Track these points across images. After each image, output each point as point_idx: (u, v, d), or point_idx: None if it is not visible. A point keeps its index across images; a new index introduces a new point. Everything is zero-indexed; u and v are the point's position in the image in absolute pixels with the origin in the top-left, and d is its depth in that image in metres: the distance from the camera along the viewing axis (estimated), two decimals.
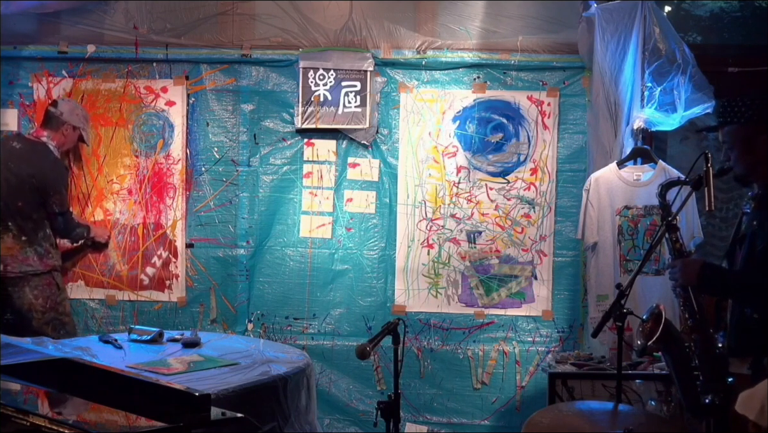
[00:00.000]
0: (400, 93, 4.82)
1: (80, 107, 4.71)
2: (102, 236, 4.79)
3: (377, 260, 4.84)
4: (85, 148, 4.81)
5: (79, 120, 4.64)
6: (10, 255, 4.38)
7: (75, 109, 4.65)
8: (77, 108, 4.68)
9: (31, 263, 4.41)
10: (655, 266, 4.38)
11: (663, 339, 2.94)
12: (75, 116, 4.62)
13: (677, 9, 5.16)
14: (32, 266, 4.41)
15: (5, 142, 4.59)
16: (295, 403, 3.51)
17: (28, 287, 4.40)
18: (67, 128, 4.59)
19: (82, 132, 4.66)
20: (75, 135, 4.65)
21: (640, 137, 4.50)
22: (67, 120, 4.59)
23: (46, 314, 4.42)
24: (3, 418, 2.06)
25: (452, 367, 4.81)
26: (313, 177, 4.86)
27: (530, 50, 4.76)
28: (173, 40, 4.82)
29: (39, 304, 4.42)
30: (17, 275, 4.39)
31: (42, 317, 4.40)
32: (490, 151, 4.80)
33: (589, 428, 2.89)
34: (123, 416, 2.15)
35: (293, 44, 4.82)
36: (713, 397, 2.85)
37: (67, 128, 4.59)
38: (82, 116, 4.68)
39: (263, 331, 4.84)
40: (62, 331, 4.45)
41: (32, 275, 4.41)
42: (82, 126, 4.66)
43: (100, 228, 4.81)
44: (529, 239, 4.78)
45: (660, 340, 2.93)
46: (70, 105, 4.66)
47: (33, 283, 4.41)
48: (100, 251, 4.85)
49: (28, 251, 4.41)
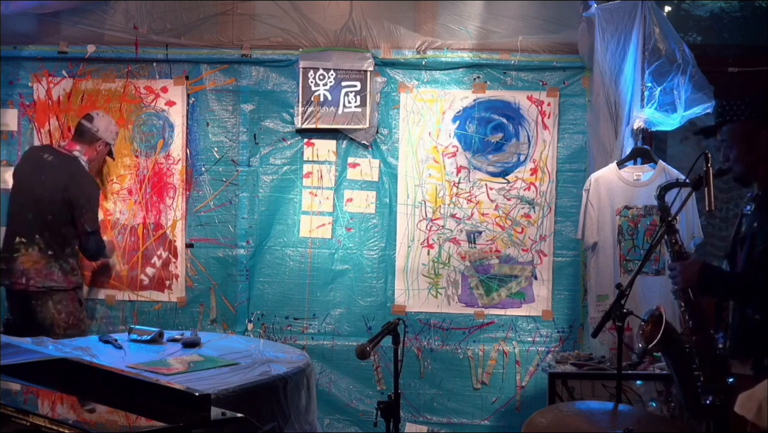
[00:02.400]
0: (400, 93, 4.82)
1: (114, 123, 4.63)
2: (111, 251, 4.76)
3: (377, 260, 4.84)
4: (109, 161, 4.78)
5: (112, 136, 4.59)
6: (35, 269, 4.30)
7: (110, 126, 4.58)
8: (111, 124, 4.61)
9: (55, 279, 4.33)
10: (655, 266, 4.38)
11: (663, 342, 2.94)
12: (109, 133, 4.57)
13: (677, 9, 5.16)
14: (56, 281, 4.33)
15: (35, 153, 4.53)
16: (295, 403, 3.51)
17: (51, 301, 4.31)
18: (101, 144, 4.54)
19: (112, 147, 4.63)
20: (105, 150, 4.60)
21: (640, 137, 4.50)
22: (102, 137, 4.52)
23: (68, 330, 4.31)
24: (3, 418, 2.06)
25: (452, 367, 4.81)
26: (313, 177, 4.86)
27: (530, 50, 4.77)
28: (173, 40, 4.82)
29: (62, 319, 4.32)
30: (40, 290, 4.31)
31: (63, 333, 4.26)
32: (490, 151, 4.80)
33: (589, 428, 2.89)
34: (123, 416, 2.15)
35: (293, 44, 4.82)
36: (714, 398, 2.85)
37: (101, 144, 4.54)
38: (115, 132, 4.62)
39: (263, 331, 4.84)
40: None
41: (56, 290, 4.32)
42: (113, 143, 4.61)
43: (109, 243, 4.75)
44: (529, 239, 4.78)
45: (661, 343, 2.93)
46: (106, 121, 4.57)
47: (56, 298, 4.32)
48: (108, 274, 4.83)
49: (53, 266, 4.33)
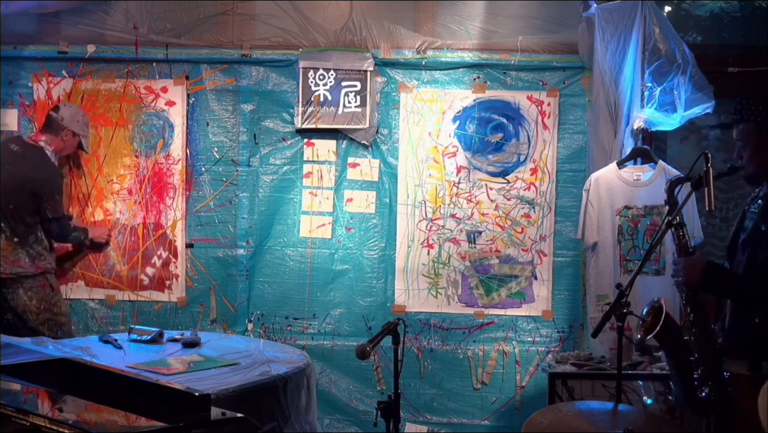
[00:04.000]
0: (400, 93, 4.82)
1: (82, 113, 4.67)
2: (101, 236, 4.78)
3: (377, 260, 4.84)
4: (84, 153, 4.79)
5: (79, 127, 4.61)
6: (2, 256, 4.38)
7: (76, 116, 4.61)
8: (79, 114, 4.64)
9: (22, 265, 4.41)
10: (655, 265, 4.38)
11: (663, 332, 2.93)
12: (76, 123, 4.59)
13: (677, 9, 5.15)
14: (23, 267, 4.41)
15: (5, 144, 4.58)
16: (295, 403, 3.51)
17: (21, 288, 4.40)
18: (67, 134, 4.57)
19: (82, 139, 4.63)
20: (74, 141, 4.62)
21: (640, 137, 4.50)
22: (67, 126, 4.56)
23: (40, 315, 4.42)
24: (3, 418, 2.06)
25: (452, 367, 4.81)
26: (313, 177, 4.86)
27: (530, 50, 4.76)
28: (173, 40, 4.82)
29: (33, 305, 4.41)
30: (9, 276, 4.39)
31: (37, 318, 4.40)
32: (490, 151, 4.80)
33: (589, 428, 2.89)
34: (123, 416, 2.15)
35: (293, 44, 4.82)
36: (710, 391, 2.85)
37: (67, 134, 4.57)
38: (83, 123, 4.64)
39: (263, 331, 4.84)
40: (59, 331, 4.44)
41: (24, 276, 4.41)
42: (82, 133, 4.63)
43: (99, 228, 4.80)
44: (529, 239, 4.78)
45: (660, 333, 2.93)
46: (72, 111, 4.62)
47: (26, 285, 4.41)
48: (100, 250, 4.83)
49: (20, 253, 4.41)
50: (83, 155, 4.80)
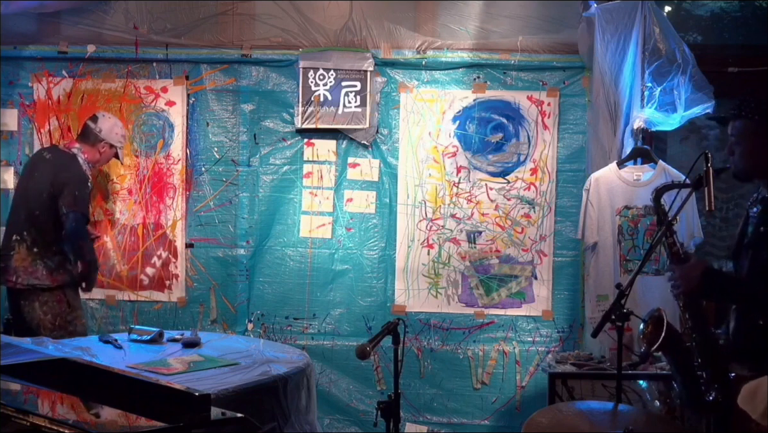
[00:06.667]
0: (400, 93, 4.82)
1: (120, 125, 4.58)
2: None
3: (377, 260, 4.84)
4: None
5: (117, 139, 4.53)
6: (22, 266, 4.27)
7: (114, 128, 4.53)
8: (117, 126, 4.55)
9: (39, 277, 4.27)
10: (655, 265, 4.38)
11: (665, 344, 2.93)
12: (114, 135, 4.51)
13: (677, 9, 5.15)
14: (39, 279, 4.27)
15: (38, 153, 4.54)
16: (295, 403, 3.51)
17: (37, 302, 4.26)
18: (104, 146, 4.49)
19: (119, 150, 4.57)
20: (111, 153, 4.55)
21: (640, 137, 4.50)
22: (105, 138, 4.48)
23: (54, 331, 4.23)
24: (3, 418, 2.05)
25: (452, 367, 4.81)
26: (313, 177, 4.86)
27: (530, 50, 4.76)
28: (173, 40, 4.82)
29: (48, 320, 4.27)
30: (24, 288, 4.27)
31: (50, 334, 4.16)
32: (490, 151, 4.80)
33: (589, 428, 2.89)
34: (123, 416, 2.15)
35: (293, 44, 4.82)
36: (716, 394, 2.85)
37: (104, 146, 4.49)
38: (121, 135, 4.57)
39: (263, 331, 4.84)
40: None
41: (41, 289, 4.27)
42: (119, 145, 4.56)
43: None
44: (529, 239, 4.78)
45: (662, 346, 2.92)
46: (110, 122, 4.53)
47: (42, 298, 4.27)
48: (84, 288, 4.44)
49: (38, 264, 4.28)
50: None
